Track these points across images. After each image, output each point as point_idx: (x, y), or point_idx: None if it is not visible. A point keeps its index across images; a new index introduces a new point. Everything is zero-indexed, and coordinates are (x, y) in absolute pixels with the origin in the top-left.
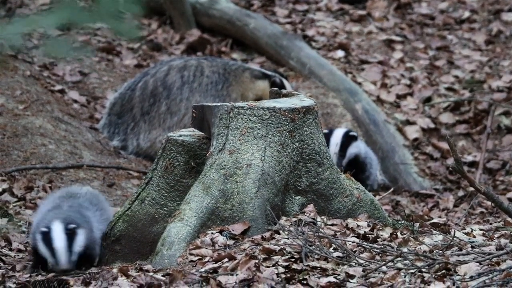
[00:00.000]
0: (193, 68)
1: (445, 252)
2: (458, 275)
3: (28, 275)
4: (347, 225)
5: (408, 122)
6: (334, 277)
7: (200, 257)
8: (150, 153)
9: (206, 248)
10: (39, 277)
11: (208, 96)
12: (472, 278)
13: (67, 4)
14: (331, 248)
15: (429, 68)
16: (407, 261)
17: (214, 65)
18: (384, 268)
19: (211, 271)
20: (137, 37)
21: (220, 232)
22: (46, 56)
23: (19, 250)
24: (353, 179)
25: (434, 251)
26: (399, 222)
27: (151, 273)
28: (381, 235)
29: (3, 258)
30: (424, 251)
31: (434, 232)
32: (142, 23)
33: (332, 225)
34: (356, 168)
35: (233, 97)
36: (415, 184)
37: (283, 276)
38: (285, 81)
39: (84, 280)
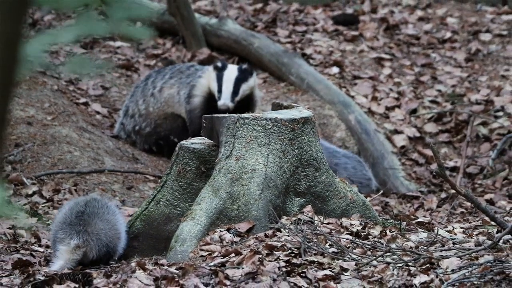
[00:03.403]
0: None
1: (429, 248)
2: (441, 268)
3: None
4: (341, 223)
5: (396, 131)
6: (329, 270)
7: (209, 253)
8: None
9: (215, 245)
10: (66, 271)
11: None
12: (453, 271)
13: (86, 18)
14: (327, 244)
15: (414, 83)
16: (395, 256)
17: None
18: (374, 262)
19: (220, 265)
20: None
21: (228, 230)
22: (72, 73)
23: (47, 246)
24: (347, 182)
25: (420, 247)
26: (388, 221)
27: (165, 267)
28: (372, 232)
29: (33, 253)
30: (411, 247)
31: (420, 230)
32: (158, 42)
33: (328, 223)
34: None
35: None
36: (402, 187)
37: (284, 269)
38: (229, 66)
39: (105, 273)
